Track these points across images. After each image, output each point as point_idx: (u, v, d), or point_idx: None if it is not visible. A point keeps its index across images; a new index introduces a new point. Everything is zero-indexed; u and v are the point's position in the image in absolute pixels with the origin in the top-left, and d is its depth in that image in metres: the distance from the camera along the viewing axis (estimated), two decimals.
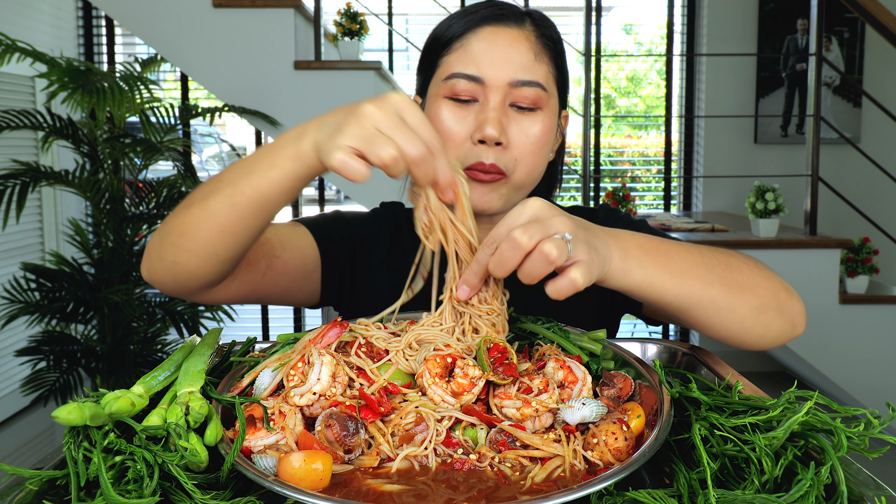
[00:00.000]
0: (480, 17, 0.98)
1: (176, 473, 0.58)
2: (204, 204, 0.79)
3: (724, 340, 0.84)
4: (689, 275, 0.77)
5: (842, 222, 3.81)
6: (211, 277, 0.86)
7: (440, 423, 0.65)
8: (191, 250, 0.81)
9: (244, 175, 0.77)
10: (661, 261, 0.75)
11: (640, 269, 0.74)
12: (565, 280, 0.66)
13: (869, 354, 3.15)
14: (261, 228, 0.81)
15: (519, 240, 0.65)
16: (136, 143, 2.88)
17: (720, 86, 4.30)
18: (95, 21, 4.36)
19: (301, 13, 3.24)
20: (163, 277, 0.86)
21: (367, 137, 0.66)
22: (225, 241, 0.80)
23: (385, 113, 0.68)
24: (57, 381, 2.85)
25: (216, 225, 0.79)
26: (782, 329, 0.85)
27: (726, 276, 0.80)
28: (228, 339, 0.91)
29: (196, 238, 0.80)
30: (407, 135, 0.67)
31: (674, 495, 0.58)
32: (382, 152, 0.66)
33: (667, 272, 0.75)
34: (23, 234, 3.74)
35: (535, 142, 0.97)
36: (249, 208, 0.77)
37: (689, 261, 0.78)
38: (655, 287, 0.75)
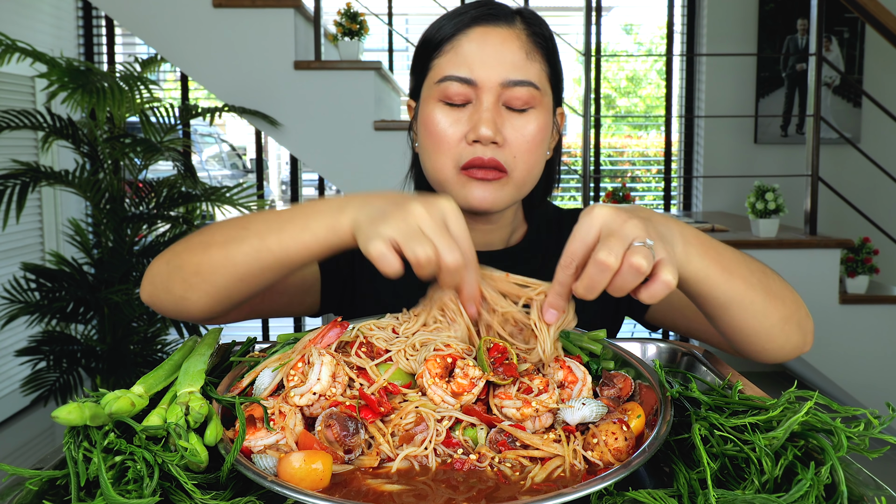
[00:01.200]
0: (470, 18, 0.97)
1: (176, 473, 0.58)
2: (226, 250, 0.79)
3: (746, 346, 0.84)
4: (736, 273, 0.77)
5: (842, 222, 3.81)
6: (218, 313, 0.86)
7: (440, 423, 0.65)
8: (203, 291, 0.82)
9: (274, 231, 0.77)
10: (714, 255, 0.75)
11: (698, 259, 0.73)
12: (659, 284, 0.66)
13: (869, 354, 3.15)
14: (278, 281, 0.82)
15: (606, 261, 0.64)
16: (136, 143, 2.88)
17: (720, 86, 4.30)
18: (95, 21, 4.36)
19: (301, 13, 3.24)
20: (166, 307, 0.87)
21: (408, 233, 0.67)
22: (241, 288, 0.81)
23: (431, 215, 0.68)
24: (57, 381, 2.85)
25: (236, 274, 0.79)
26: (798, 343, 0.86)
27: (764, 282, 0.80)
28: (228, 339, 0.91)
29: (212, 281, 0.81)
30: (448, 241, 0.68)
31: (674, 495, 0.58)
32: (419, 252, 0.66)
33: (719, 266, 0.75)
34: (23, 234, 3.74)
35: (532, 139, 0.96)
36: (273, 265, 0.78)
37: (734, 260, 0.78)
38: (710, 279, 0.75)
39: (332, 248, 0.75)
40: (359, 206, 0.73)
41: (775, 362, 0.88)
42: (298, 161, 4.27)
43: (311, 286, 1.03)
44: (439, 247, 0.67)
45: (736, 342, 0.85)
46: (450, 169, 0.97)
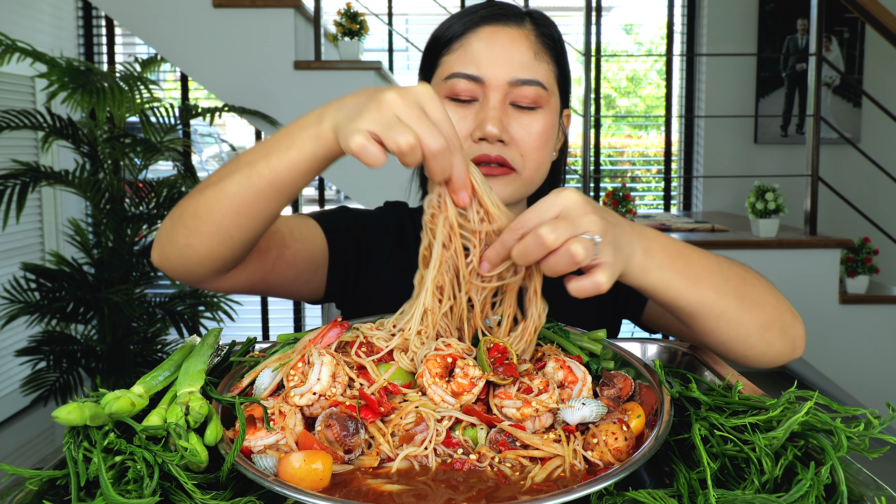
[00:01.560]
0: (480, 17, 0.98)
1: (176, 473, 0.58)
2: (219, 185, 0.78)
3: (726, 353, 0.85)
4: (705, 283, 0.77)
5: (842, 222, 3.81)
6: (223, 262, 0.85)
7: (440, 423, 0.65)
8: (204, 233, 0.81)
9: (262, 156, 0.76)
10: (681, 266, 0.76)
11: (658, 271, 0.74)
12: (589, 282, 0.66)
13: (869, 354, 3.15)
14: (276, 212, 0.81)
15: (545, 237, 0.64)
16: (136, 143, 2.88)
17: (720, 86, 4.30)
18: (95, 21, 4.36)
19: (301, 13, 3.24)
20: (174, 262, 0.85)
21: (386, 123, 0.66)
22: (240, 223, 0.79)
23: (407, 102, 0.67)
24: (57, 381, 2.86)
25: (231, 206, 0.78)
26: (783, 350, 0.85)
27: (740, 290, 0.80)
28: (228, 339, 0.91)
29: (210, 220, 0.79)
30: (427, 126, 0.66)
31: (674, 495, 0.58)
32: (401, 139, 0.65)
33: (685, 277, 0.76)
34: (23, 234, 3.74)
35: (538, 138, 0.97)
36: (266, 190, 0.76)
37: (707, 269, 0.78)
38: (671, 290, 0.75)
39: (319, 160, 0.74)
40: (336, 108, 0.72)
41: (762, 368, 0.88)
42: None
43: (319, 265, 1.03)
44: (420, 133, 0.66)
45: (714, 349, 0.86)
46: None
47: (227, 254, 0.83)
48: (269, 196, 0.77)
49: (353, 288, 1.08)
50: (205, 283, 0.90)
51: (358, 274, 1.08)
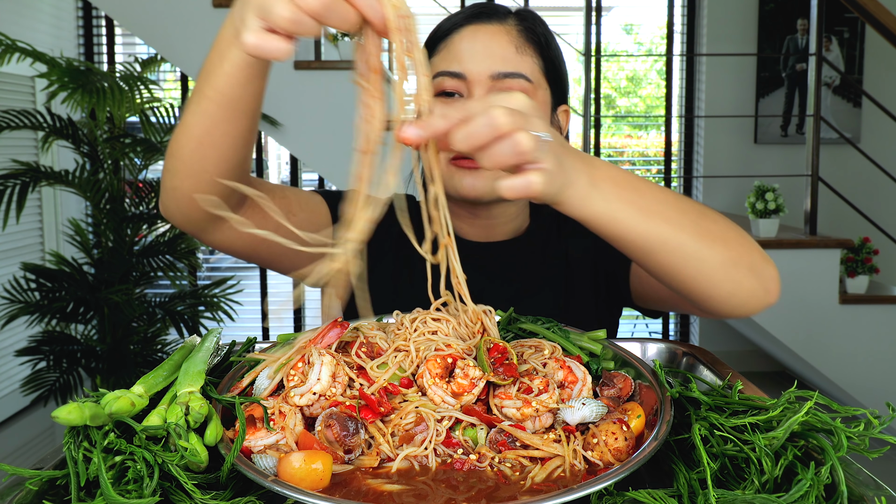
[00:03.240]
0: (463, 17, 1.00)
1: (176, 473, 0.58)
2: (182, 120, 0.78)
3: (690, 293, 0.79)
4: (658, 215, 0.72)
5: (842, 222, 3.81)
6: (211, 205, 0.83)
7: (440, 423, 0.65)
8: (181, 171, 0.80)
9: (203, 78, 0.74)
10: (630, 196, 0.71)
11: (602, 202, 0.69)
12: (522, 180, 0.62)
13: (869, 354, 3.15)
14: (239, 134, 0.78)
15: (498, 119, 0.59)
16: (136, 143, 2.88)
17: (720, 86, 4.30)
18: (95, 21, 4.36)
19: None
20: (172, 210, 0.85)
21: (262, 5, 0.60)
22: (206, 154, 0.78)
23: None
24: (57, 381, 2.85)
25: (194, 137, 0.77)
26: (754, 290, 0.79)
27: (700, 224, 0.75)
28: (228, 339, 0.91)
29: (181, 157, 0.79)
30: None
31: (674, 495, 0.58)
32: (277, 16, 0.59)
33: (633, 208, 0.71)
34: (23, 234, 3.74)
35: None
36: (218, 112, 0.74)
37: (661, 201, 0.73)
38: (618, 221, 0.70)
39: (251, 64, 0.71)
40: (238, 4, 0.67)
41: (734, 315, 0.82)
42: (298, 161, 4.27)
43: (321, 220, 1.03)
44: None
45: (679, 292, 0.79)
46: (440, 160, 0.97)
47: (209, 190, 0.82)
48: (224, 118, 0.75)
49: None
50: (204, 235, 0.90)
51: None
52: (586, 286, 1.08)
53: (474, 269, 0.82)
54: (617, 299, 1.09)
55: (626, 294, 1.07)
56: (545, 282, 1.08)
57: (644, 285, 1.03)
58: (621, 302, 1.10)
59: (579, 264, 1.08)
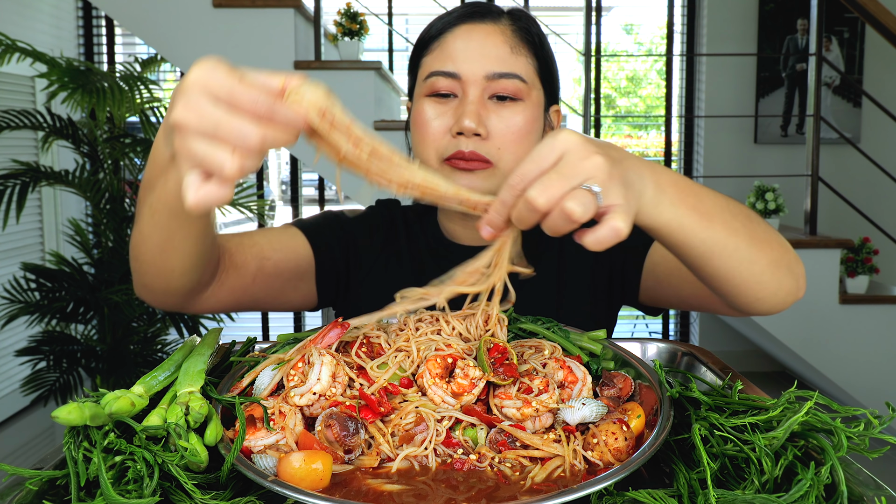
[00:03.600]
0: (457, 16, 1.00)
1: (176, 473, 0.58)
2: (138, 226, 0.77)
3: (737, 298, 0.79)
4: (717, 219, 0.72)
5: (842, 222, 3.81)
6: (184, 289, 0.84)
7: (440, 423, 0.65)
8: (148, 272, 0.81)
9: (148, 190, 0.72)
10: (692, 201, 0.70)
11: (671, 207, 0.68)
12: (606, 230, 0.60)
13: (869, 354, 3.15)
14: (200, 232, 0.77)
15: (535, 202, 0.59)
16: (136, 143, 2.88)
17: (720, 86, 4.30)
18: (95, 21, 4.36)
19: (301, 13, 3.24)
20: (146, 297, 0.87)
21: (199, 158, 0.54)
22: (169, 256, 0.78)
23: (196, 112, 0.55)
24: (57, 381, 2.85)
25: (154, 244, 0.76)
26: (790, 288, 0.81)
27: (748, 226, 0.75)
28: (228, 339, 0.91)
29: (145, 259, 0.79)
30: (232, 130, 0.54)
31: (674, 495, 0.58)
32: (225, 172, 0.54)
33: (696, 214, 0.70)
34: (23, 234, 3.74)
35: (517, 131, 0.97)
36: (171, 222, 0.73)
37: (717, 205, 0.73)
38: (684, 228, 0.70)
39: None
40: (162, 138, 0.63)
41: (770, 312, 0.83)
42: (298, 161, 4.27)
43: (304, 272, 1.03)
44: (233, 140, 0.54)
45: (726, 294, 0.80)
46: (434, 160, 0.98)
47: (181, 282, 0.83)
48: (178, 225, 0.74)
49: (346, 291, 1.08)
50: (186, 309, 0.91)
51: (349, 278, 1.08)
52: (582, 284, 1.08)
53: None
54: (619, 298, 1.09)
55: (632, 294, 1.06)
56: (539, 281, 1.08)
57: (663, 284, 1.01)
58: (623, 300, 1.10)
59: (575, 262, 1.08)
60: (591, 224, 0.61)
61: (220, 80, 0.56)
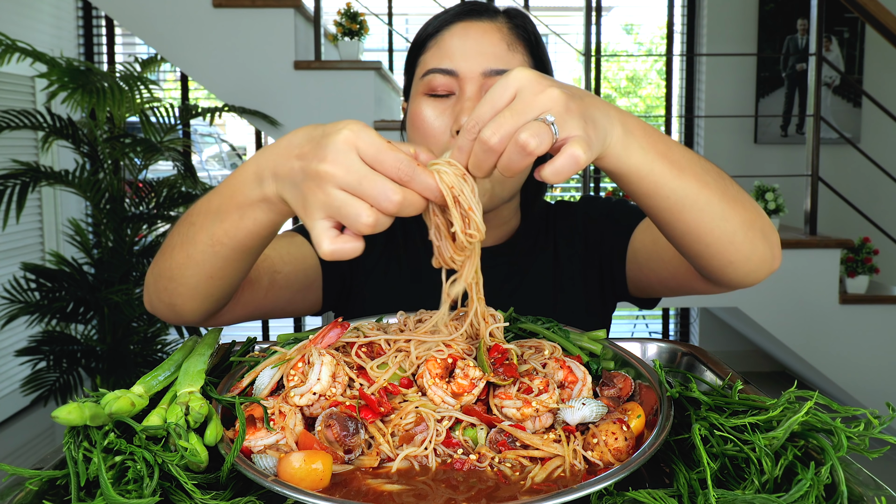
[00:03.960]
0: (453, 15, 1.00)
1: (176, 473, 0.58)
2: (186, 251, 0.76)
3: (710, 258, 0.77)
4: (688, 170, 0.69)
5: (842, 222, 3.81)
6: (211, 312, 0.86)
7: (440, 423, 0.65)
8: (184, 294, 0.81)
9: (217, 221, 0.72)
10: (662, 148, 0.67)
11: (641, 151, 0.66)
12: (564, 158, 0.58)
13: (869, 354, 3.15)
14: (249, 266, 0.79)
15: (489, 141, 0.58)
16: (136, 143, 2.88)
17: (720, 86, 4.30)
18: (95, 21, 4.36)
19: (301, 13, 3.24)
20: (164, 314, 0.86)
21: (337, 208, 0.58)
22: (215, 284, 0.79)
23: (344, 165, 0.58)
24: (57, 381, 2.85)
25: (203, 272, 0.77)
26: (764, 255, 0.78)
27: (720, 183, 0.73)
28: (228, 339, 0.91)
29: (186, 283, 0.79)
30: (374, 186, 0.57)
31: (674, 495, 0.58)
32: (360, 224, 0.57)
33: (667, 161, 0.67)
34: (23, 234, 3.74)
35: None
36: (232, 256, 0.74)
37: (687, 156, 0.70)
38: (655, 174, 0.67)
39: (278, 225, 0.70)
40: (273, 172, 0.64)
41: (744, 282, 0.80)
42: None
43: (312, 281, 1.03)
44: (373, 200, 0.57)
45: (698, 255, 0.77)
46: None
47: (213, 307, 0.84)
48: (238, 258, 0.75)
49: (348, 295, 1.08)
50: (202, 325, 0.91)
51: (353, 281, 1.08)
52: (576, 283, 1.08)
53: None
54: (612, 293, 1.09)
55: (622, 285, 1.06)
56: (535, 280, 1.08)
57: (644, 269, 1.01)
58: (616, 296, 1.10)
59: (569, 261, 1.08)
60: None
61: (369, 140, 0.59)
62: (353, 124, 0.59)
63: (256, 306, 0.96)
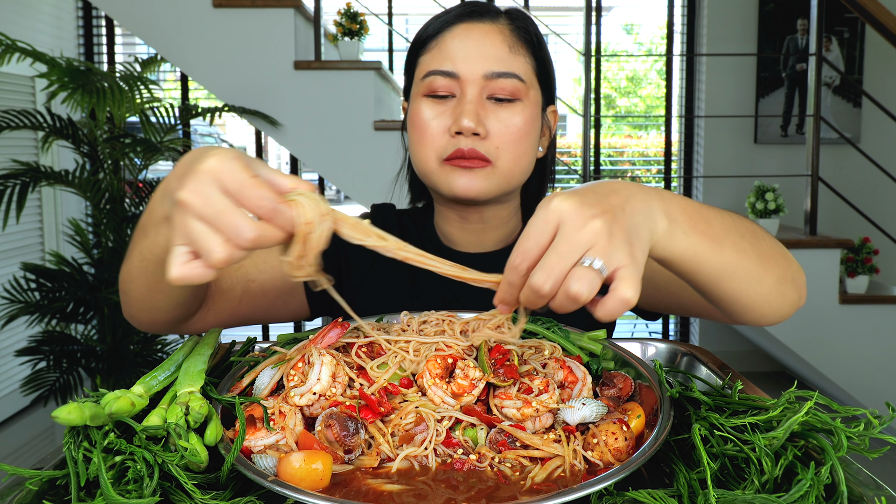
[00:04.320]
0: (454, 16, 0.99)
1: (176, 473, 0.58)
2: (127, 264, 0.79)
3: (743, 314, 0.79)
4: (726, 242, 0.70)
5: (842, 222, 3.81)
6: (171, 321, 0.86)
7: (440, 423, 0.65)
8: (135, 306, 0.82)
9: (142, 236, 0.73)
10: (703, 227, 0.68)
11: (685, 236, 0.66)
12: (614, 302, 0.58)
13: (869, 354, 3.15)
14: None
15: (541, 289, 0.58)
16: (136, 143, 2.88)
17: (720, 86, 4.30)
18: (95, 21, 4.36)
19: (301, 13, 3.24)
20: (134, 323, 0.88)
21: (193, 238, 0.56)
22: (156, 296, 0.79)
23: (203, 196, 0.56)
24: (57, 381, 2.85)
25: (142, 285, 0.78)
26: (794, 300, 0.81)
27: (755, 245, 0.74)
28: (228, 339, 0.91)
29: (134, 295, 0.81)
30: (231, 222, 0.55)
31: (674, 495, 0.58)
32: (212, 258, 0.55)
33: (708, 239, 0.68)
34: (23, 234, 3.74)
35: (516, 131, 0.96)
36: (159, 270, 0.72)
37: (725, 226, 0.71)
38: (697, 256, 0.68)
39: None
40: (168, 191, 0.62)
41: (774, 324, 0.84)
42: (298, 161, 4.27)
43: (293, 287, 1.02)
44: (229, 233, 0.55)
45: (733, 313, 0.79)
46: (433, 161, 0.98)
47: (167, 317, 0.84)
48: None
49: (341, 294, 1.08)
50: (178, 331, 0.92)
51: (342, 285, 1.07)
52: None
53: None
54: None
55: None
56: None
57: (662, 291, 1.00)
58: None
59: None
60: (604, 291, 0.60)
61: (233, 174, 0.57)
62: (221, 154, 0.57)
63: (231, 314, 0.96)
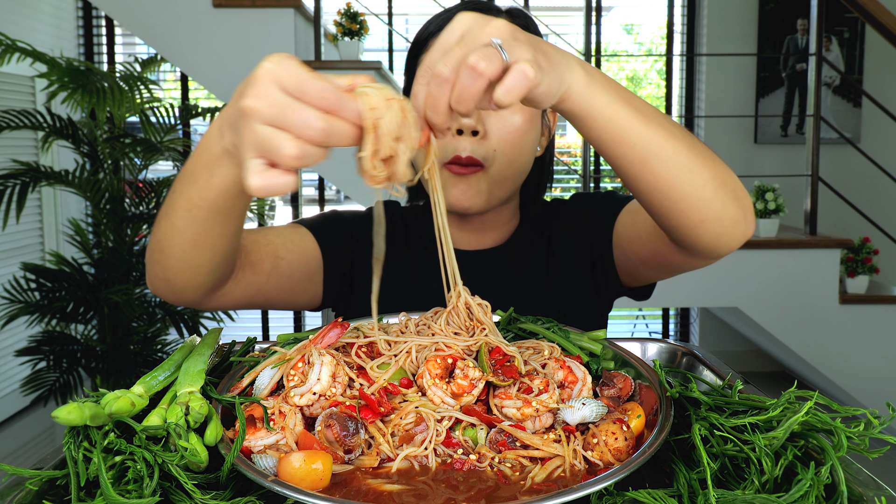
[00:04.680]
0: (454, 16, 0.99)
1: (176, 473, 0.58)
2: (169, 219, 0.76)
3: (680, 217, 0.74)
4: (653, 120, 0.68)
5: (842, 222, 3.81)
6: (207, 286, 0.84)
7: (440, 423, 0.65)
8: (173, 267, 0.80)
9: (191, 183, 0.71)
10: (626, 95, 0.67)
11: (605, 94, 0.65)
12: (514, 74, 0.57)
13: (869, 354, 3.15)
14: (234, 230, 0.78)
15: (441, 73, 0.57)
16: (136, 143, 2.88)
17: (720, 86, 4.30)
18: (95, 21, 4.36)
19: (301, 13, 3.24)
20: (163, 292, 0.86)
21: (262, 143, 0.55)
22: (201, 252, 0.77)
23: (265, 98, 0.55)
24: (57, 381, 2.86)
25: (186, 239, 0.76)
26: (737, 216, 0.76)
27: (688, 139, 0.71)
28: (228, 339, 0.91)
29: (173, 255, 0.78)
30: (296, 116, 0.54)
31: (674, 495, 0.58)
32: (284, 156, 0.54)
33: (632, 108, 0.67)
34: (23, 234, 3.74)
35: (515, 132, 0.97)
36: (209, 217, 0.72)
37: (651, 108, 0.69)
38: (620, 118, 0.66)
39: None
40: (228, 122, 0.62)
41: (717, 247, 0.78)
42: None
43: (314, 272, 1.03)
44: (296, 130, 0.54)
45: (668, 213, 0.75)
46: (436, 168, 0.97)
47: (206, 279, 0.82)
48: (217, 222, 0.74)
49: (348, 292, 1.08)
50: (202, 305, 0.90)
51: (352, 278, 1.08)
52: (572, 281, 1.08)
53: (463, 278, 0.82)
54: (606, 287, 1.09)
55: (613, 276, 1.07)
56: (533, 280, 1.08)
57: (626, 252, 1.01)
58: (611, 289, 1.10)
59: (564, 259, 1.08)
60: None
61: (290, 71, 0.56)
62: (275, 57, 0.57)
63: (258, 290, 0.95)
